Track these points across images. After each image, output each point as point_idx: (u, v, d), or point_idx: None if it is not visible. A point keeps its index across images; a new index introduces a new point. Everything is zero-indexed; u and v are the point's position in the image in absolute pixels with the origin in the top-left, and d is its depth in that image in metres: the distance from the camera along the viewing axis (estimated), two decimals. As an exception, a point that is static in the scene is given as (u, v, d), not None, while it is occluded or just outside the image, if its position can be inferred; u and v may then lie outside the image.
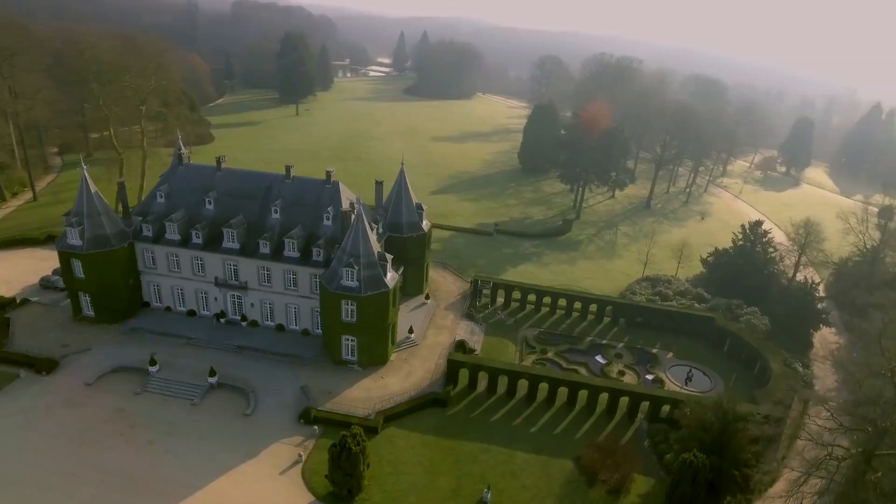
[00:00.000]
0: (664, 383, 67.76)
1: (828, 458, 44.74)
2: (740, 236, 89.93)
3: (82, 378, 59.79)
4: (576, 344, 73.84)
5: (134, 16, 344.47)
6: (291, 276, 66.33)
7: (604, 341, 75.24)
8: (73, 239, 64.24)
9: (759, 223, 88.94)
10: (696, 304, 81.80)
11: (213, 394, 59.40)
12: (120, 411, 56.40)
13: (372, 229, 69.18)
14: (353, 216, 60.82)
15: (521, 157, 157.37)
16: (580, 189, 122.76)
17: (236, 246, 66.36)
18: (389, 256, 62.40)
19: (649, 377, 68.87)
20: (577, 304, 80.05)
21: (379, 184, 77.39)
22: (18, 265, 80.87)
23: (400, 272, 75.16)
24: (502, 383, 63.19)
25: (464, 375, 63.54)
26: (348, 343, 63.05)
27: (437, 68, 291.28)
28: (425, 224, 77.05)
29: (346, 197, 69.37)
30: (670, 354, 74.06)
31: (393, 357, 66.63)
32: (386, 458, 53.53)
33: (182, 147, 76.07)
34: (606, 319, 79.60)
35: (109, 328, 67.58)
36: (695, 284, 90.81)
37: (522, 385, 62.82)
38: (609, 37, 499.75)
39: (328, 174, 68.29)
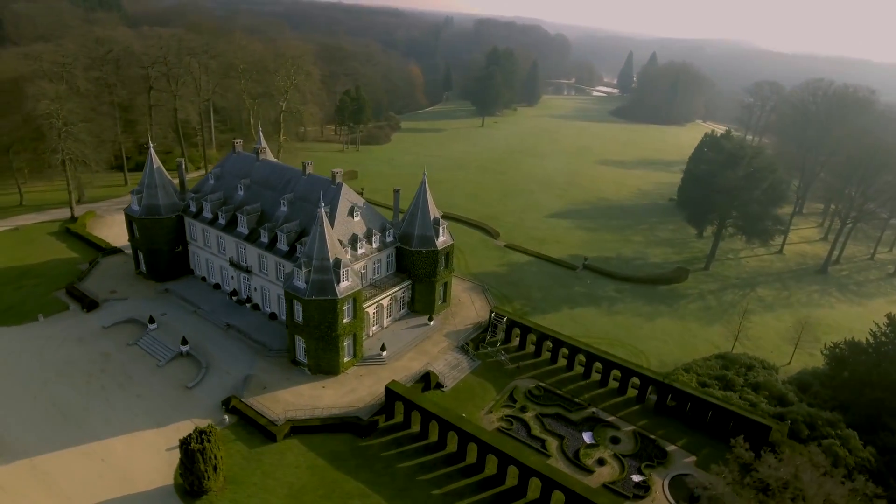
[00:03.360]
0: (651, 492, 51.50)
1: None
2: (884, 329, 63.83)
3: (104, 321, 69.79)
4: (570, 410, 60.66)
5: (388, 32, 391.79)
6: (282, 268, 67.66)
7: (609, 418, 60.33)
8: (134, 205, 75.45)
9: (914, 316, 61.79)
10: (763, 405, 60.22)
11: (178, 361, 63.83)
12: (105, 356, 64.27)
13: (372, 235, 67.42)
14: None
15: (679, 191, 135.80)
16: (715, 235, 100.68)
17: (245, 231, 70.34)
18: (346, 265, 59.26)
19: (636, 478, 52.98)
20: (598, 365, 65.67)
21: (396, 192, 74.22)
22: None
23: (403, 286, 71.71)
24: (433, 430, 55.17)
25: (400, 409, 57.19)
26: (300, 344, 61.86)
27: (653, 91, 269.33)
28: (441, 241, 71.26)
29: (349, 199, 68.26)
30: (691, 459, 55.92)
31: (350, 370, 63.29)
32: (263, 469, 51.07)
33: (261, 140, 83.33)
34: (632, 392, 63.77)
35: (154, 285, 77.67)
36: (799, 380, 67.31)
37: (455, 439, 53.96)
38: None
39: (333, 174, 67.83)
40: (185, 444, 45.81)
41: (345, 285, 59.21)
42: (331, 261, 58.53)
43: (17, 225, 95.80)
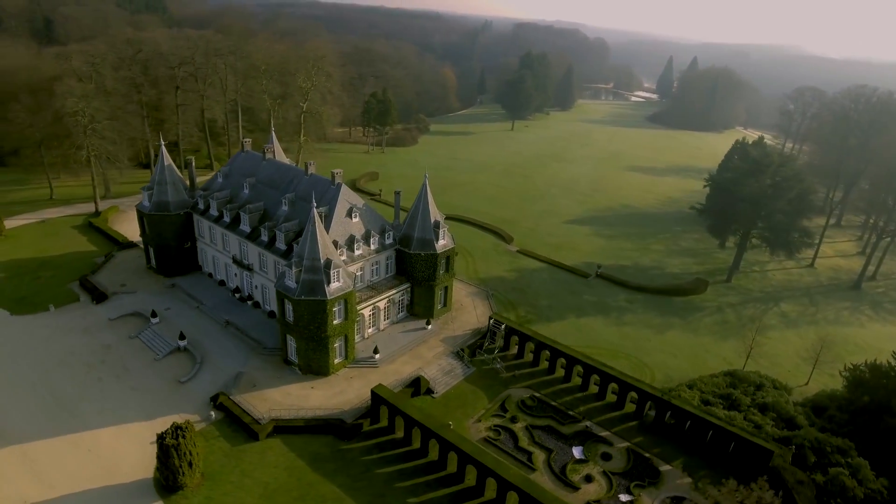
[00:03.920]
0: (638, 513, 49.15)
1: None
2: (908, 352, 59.48)
3: (110, 314, 71.41)
4: (563, 423, 58.62)
5: (426, 35, 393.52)
6: (279, 266, 67.83)
7: (603, 433, 57.98)
8: (145, 201, 77.17)
9: (941, 339, 57.25)
10: (768, 427, 56.71)
11: (175, 355, 64.67)
12: (106, 347, 65.68)
13: (371, 237, 67.10)
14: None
15: (707, 199, 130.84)
16: (738, 246, 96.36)
17: (247, 230, 70.92)
18: (338, 266, 58.82)
19: (623, 498, 50.63)
20: (596, 378, 63.32)
21: (396, 193, 73.54)
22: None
23: (401, 289, 71.08)
24: (416, 437, 54.11)
25: (385, 414, 56.36)
26: (291, 344, 61.79)
27: (692, 96, 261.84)
28: (441, 244, 70.22)
29: (348, 200, 68.03)
30: (686, 480, 53.14)
31: (341, 371, 62.86)
32: (242, 468, 50.99)
33: (273, 140, 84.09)
34: (630, 407, 61.21)
35: (162, 280, 79.15)
36: (814, 402, 63.36)
37: (436, 447, 52.74)
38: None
39: (333, 175, 67.69)
40: (160, 438, 46.12)
41: (335, 286, 58.79)
42: (322, 261, 58.24)
43: (45, 218, 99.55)
